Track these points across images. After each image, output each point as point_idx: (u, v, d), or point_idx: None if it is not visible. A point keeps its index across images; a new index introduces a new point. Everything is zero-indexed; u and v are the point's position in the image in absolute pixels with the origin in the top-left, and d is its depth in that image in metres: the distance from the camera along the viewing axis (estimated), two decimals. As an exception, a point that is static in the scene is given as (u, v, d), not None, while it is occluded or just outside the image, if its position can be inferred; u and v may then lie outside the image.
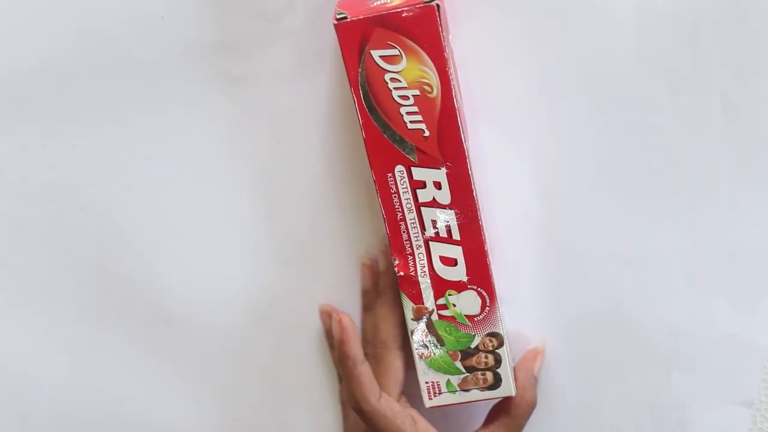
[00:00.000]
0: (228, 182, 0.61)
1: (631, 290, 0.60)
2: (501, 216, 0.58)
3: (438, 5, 0.50)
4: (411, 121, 0.53)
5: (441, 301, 0.57)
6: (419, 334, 0.57)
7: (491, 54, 0.57)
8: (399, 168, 0.54)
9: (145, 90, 0.59)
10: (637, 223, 0.59)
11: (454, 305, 0.56)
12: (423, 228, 0.55)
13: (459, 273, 0.56)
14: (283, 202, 0.61)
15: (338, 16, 0.51)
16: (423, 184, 0.54)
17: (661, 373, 0.61)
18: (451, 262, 0.56)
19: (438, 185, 0.54)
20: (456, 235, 0.55)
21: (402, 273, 0.56)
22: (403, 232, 0.56)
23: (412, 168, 0.54)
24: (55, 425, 0.66)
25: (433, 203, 0.54)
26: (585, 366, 0.62)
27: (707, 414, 0.61)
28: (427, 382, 0.59)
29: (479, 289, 0.56)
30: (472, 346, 0.57)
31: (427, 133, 0.53)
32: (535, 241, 0.60)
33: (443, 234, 0.55)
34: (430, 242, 0.56)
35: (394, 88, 0.52)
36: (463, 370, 0.58)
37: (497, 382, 0.58)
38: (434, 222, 0.55)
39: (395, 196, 0.55)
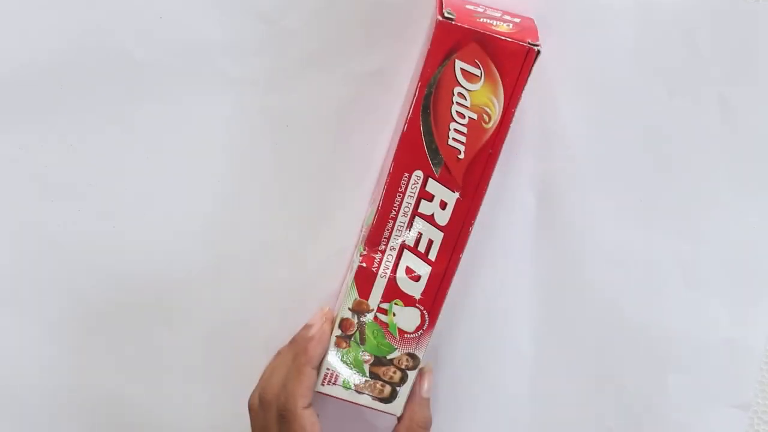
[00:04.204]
0: (226, 182, 0.60)
1: (628, 293, 0.61)
2: (498, 217, 0.59)
3: (539, 51, 0.50)
4: (454, 138, 0.53)
5: (384, 305, 0.57)
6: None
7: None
8: (417, 173, 0.54)
9: (144, 90, 0.58)
10: (635, 225, 0.60)
11: (394, 315, 0.57)
12: (407, 233, 0.55)
13: (415, 289, 0.56)
14: (281, 201, 0.61)
15: (446, 15, 0.50)
16: (430, 197, 0.54)
17: (658, 376, 0.63)
18: (414, 277, 0.56)
19: (443, 205, 0.54)
20: (432, 256, 0.55)
21: (364, 264, 0.56)
22: (387, 230, 0.55)
23: (430, 179, 0.54)
24: (53, 423, 0.65)
25: (430, 219, 0.55)
26: (583, 368, 0.63)
27: (704, 416, 0.63)
28: (328, 369, 0.59)
29: (425, 311, 0.57)
30: (389, 357, 0.58)
31: (461, 156, 0.53)
32: (532, 242, 0.61)
33: (422, 248, 0.55)
34: (405, 249, 0.56)
35: (457, 103, 0.52)
36: (367, 375, 0.58)
37: (392, 397, 0.59)
38: (420, 234, 0.55)
39: (399, 195, 0.54)
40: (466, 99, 0.52)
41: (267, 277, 0.60)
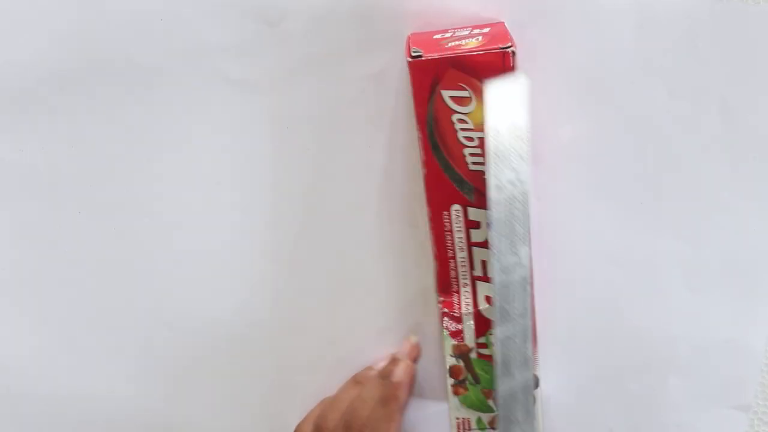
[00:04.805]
0: (226, 185, 0.61)
1: (629, 294, 0.60)
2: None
3: (513, 52, 0.50)
4: (473, 163, 0.53)
5: (482, 339, 0.57)
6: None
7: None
8: (455, 207, 0.54)
9: (144, 92, 0.59)
10: (635, 227, 0.59)
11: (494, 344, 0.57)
12: (472, 267, 0.55)
13: (503, 314, 0.56)
14: (279, 204, 0.61)
15: (413, 54, 0.51)
16: (477, 225, 0.54)
17: (658, 377, 0.62)
18: (496, 303, 0.56)
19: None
20: (504, 277, 0.55)
21: (446, 310, 0.57)
22: (452, 269, 0.56)
23: (469, 208, 0.54)
24: (53, 426, 0.66)
25: (485, 244, 0.55)
26: (583, 369, 0.62)
27: (705, 418, 0.62)
28: (458, 418, 0.59)
29: (521, 330, 0.56)
30: (508, 385, 0.58)
31: (487, 175, 0.53)
32: (533, 244, 0.60)
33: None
34: (477, 281, 0.56)
35: (461, 129, 0.52)
36: (495, 409, 0.58)
37: (528, 422, 0.58)
38: (484, 262, 0.55)
39: (448, 234, 0.55)
40: (467, 122, 0.52)
41: (266, 278, 0.60)
